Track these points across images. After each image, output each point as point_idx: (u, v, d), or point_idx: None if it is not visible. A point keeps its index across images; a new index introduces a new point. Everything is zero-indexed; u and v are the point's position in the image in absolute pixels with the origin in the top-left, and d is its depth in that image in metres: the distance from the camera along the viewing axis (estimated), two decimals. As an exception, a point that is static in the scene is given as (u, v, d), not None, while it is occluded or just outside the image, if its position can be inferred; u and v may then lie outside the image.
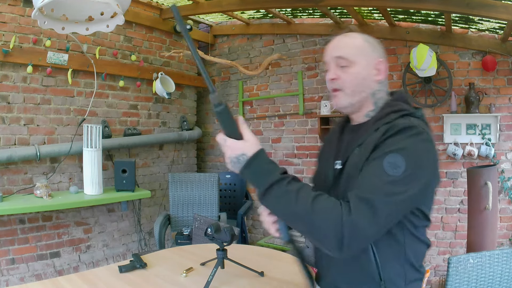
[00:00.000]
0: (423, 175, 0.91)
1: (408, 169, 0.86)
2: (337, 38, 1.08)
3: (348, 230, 0.81)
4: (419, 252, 1.03)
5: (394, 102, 1.03)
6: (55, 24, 2.11)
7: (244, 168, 0.92)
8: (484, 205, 2.57)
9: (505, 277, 1.39)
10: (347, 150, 1.04)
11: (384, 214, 0.84)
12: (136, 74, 3.69)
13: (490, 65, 2.99)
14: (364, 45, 1.05)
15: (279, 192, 0.89)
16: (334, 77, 1.05)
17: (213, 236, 1.49)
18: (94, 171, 2.98)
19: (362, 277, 0.99)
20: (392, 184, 0.86)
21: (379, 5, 2.81)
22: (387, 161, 0.87)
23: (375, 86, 1.05)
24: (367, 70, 1.04)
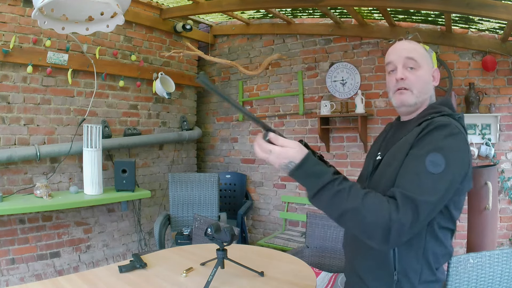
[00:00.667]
0: (459, 173, 0.98)
1: (448, 167, 0.94)
2: (403, 42, 1.19)
3: (396, 227, 0.89)
4: (439, 255, 1.06)
5: (438, 105, 1.13)
6: (55, 24, 2.11)
7: (294, 173, 0.97)
8: (484, 205, 2.57)
9: (505, 277, 1.39)
10: (388, 143, 1.16)
11: (426, 213, 0.92)
12: (136, 74, 3.69)
13: (490, 65, 2.99)
14: (425, 53, 1.16)
15: (332, 191, 0.94)
16: (403, 77, 1.12)
17: (213, 236, 1.49)
18: (94, 171, 2.98)
19: (379, 266, 1.06)
20: (433, 181, 0.93)
21: (379, 5, 2.81)
22: (429, 160, 0.94)
23: (431, 91, 1.17)
24: (428, 76, 1.15)
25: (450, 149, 0.96)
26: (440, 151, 0.94)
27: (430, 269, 1.04)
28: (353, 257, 1.17)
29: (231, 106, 4.03)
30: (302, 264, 1.70)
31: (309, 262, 2.39)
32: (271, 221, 4.17)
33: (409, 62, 1.12)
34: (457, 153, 0.97)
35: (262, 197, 4.23)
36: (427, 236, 1.02)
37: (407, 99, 1.13)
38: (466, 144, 1.00)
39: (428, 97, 1.15)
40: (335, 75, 3.73)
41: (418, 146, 0.99)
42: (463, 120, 1.08)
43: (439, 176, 0.93)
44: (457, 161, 0.96)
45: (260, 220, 4.27)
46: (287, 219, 3.98)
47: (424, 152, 0.96)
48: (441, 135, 0.97)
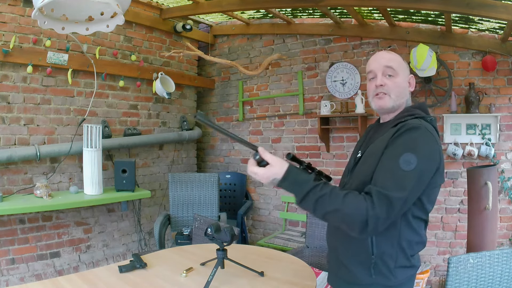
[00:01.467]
0: (428, 171, 1.12)
1: (418, 165, 1.07)
2: (382, 52, 1.34)
3: (372, 221, 1.05)
4: (413, 242, 1.20)
5: (412, 109, 1.27)
6: (55, 24, 2.11)
7: (280, 185, 1.15)
8: (484, 205, 2.57)
9: (505, 277, 1.39)
10: (368, 142, 1.30)
11: (399, 206, 1.07)
12: (136, 74, 3.69)
13: (490, 65, 2.99)
14: (402, 62, 1.31)
15: (314, 197, 1.10)
16: (382, 83, 1.26)
17: (213, 236, 1.49)
18: (94, 171, 2.98)
19: (359, 251, 1.20)
20: (406, 178, 1.07)
21: (379, 5, 2.81)
22: (402, 159, 1.08)
23: (407, 96, 1.31)
24: (405, 82, 1.29)
25: (421, 149, 1.10)
26: (412, 151, 1.08)
27: (405, 255, 1.17)
28: (336, 246, 1.30)
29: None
30: (302, 264, 1.71)
31: (309, 262, 2.39)
32: (271, 221, 4.18)
33: (387, 70, 1.26)
34: (427, 152, 1.11)
35: (262, 197, 4.23)
36: (401, 225, 1.15)
37: (385, 103, 1.27)
38: (435, 144, 1.14)
39: (404, 101, 1.29)
40: (335, 75, 3.73)
41: (393, 145, 1.13)
42: (434, 122, 1.23)
43: (411, 173, 1.07)
44: (427, 159, 1.11)
45: (260, 220, 4.27)
46: (287, 219, 3.99)
47: (398, 152, 1.10)
48: (413, 136, 1.11)
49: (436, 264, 3.27)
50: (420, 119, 1.20)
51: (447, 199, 3.24)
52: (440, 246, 3.27)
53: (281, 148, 4.08)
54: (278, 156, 1.17)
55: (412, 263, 1.20)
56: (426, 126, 1.15)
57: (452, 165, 3.22)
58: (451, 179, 3.23)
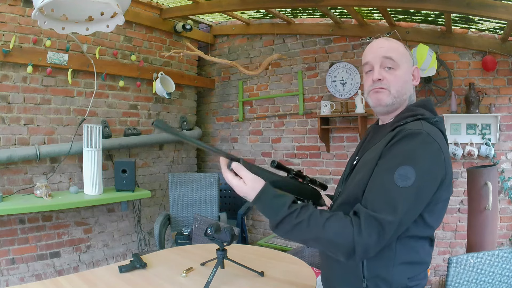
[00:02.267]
0: (431, 185, 0.95)
1: (418, 180, 0.91)
2: (380, 40, 1.13)
3: (359, 248, 0.90)
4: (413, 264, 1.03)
5: (415, 108, 1.09)
6: (55, 24, 2.11)
7: (253, 205, 1.00)
8: (484, 205, 2.57)
9: (505, 277, 1.39)
10: (366, 147, 1.14)
11: (392, 231, 0.92)
12: (136, 74, 3.69)
13: (490, 65, 2.99)
14: (405, 51, 1.11)
15: (290, 224, 0.95)
16: (380, 77, 1.08)
17: (213, 236, 1.48)
18: (94, 171, 2.98)
19: (348, 274, 1.07)
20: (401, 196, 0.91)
21: (379, 5, 2.81)
22: (398, 173, 0.92)
23: (411, 90, 1.12)
24: (408, 75, 1.10)
25: (420, 160, 0.93)
26: (409, 163, 0.92)
27: (402, 278, 1.01)
28: (325, 265, 1.19)
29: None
30: (302, 264, 1.70)
31: (309, 262, 2.39)
32: (271, 221, 4.17)
33: (386, 62, 1.08)
34: (428, 164, 0.94)
35: (262, 197, 4.22)
36: (397, 246, 1.00)
37: (383, 98, 1.08)
38: (439, 153, 0.96)
39: (407, 98, 1.11)
40: (335, 75, 3.73)
41: (387, 156, 0.97)
42: (441, 124, 1.04)
43: (408, 190, 0.91)
44: (428, 173, 0.93)
45: (260, 220, 4.27)
46: (287, 219, 3.98)
47: (393, 164, 0.94)
48: (411, 145, 0.94)
49: (436, 264, 3.27)
50: (422, 121, 1.01)
51: (447, 199, 3.24)
52: (440, 246, 3.27)
53: (281, 148, 4.08)
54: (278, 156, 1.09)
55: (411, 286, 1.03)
56: (428, 131, 0.96)
57: (452, 165, 3.21)
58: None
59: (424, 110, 1.07)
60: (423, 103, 1.11)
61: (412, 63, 1.13)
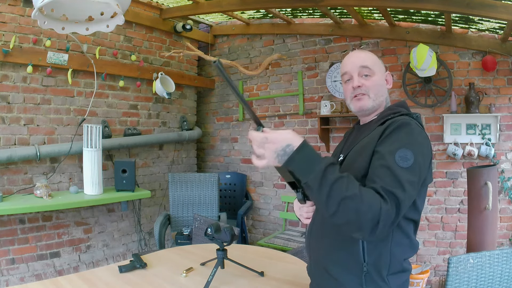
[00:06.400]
0: (425, 166, 1.07)
1: (416, 161, 1.01)
2: (356, 52, 1.29)
3: (384, 217, 0.92)
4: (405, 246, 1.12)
5: (395, 107, 1.23)
6: (55, 24, 2.11)
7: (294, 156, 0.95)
8: (484, 205, 2.57)
9: (505, 277, 1.39)
10: (351, 145, 1.23)
11: (405, 204, 0.98)
12: (136, 74, 3.69)
13: (490, 65, 2.99)
14: (377, 60, 1.27)
15: (333, 176, 0.94)
16: (360, 84, 1.22)
17: (213, 236, 1.49)
18: (94, 171, 2.98)
19: (348, 259, 1.10)
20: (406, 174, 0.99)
21: (379, 5, 2.81)
22: (398, 155, 1.01)
23: (386, 93, 1.28)
24: (382, 80, 1.25)
25: (415, 144, 1.04)
26: (407, 147, 1.02)
27: (398, 260, 1.09)
28: (320, 254, 1.19)
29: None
30: (302, 264, 1.70)
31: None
32: (271, 221, 4.17)
33: (363, 70, 1.22)
34: (421, 148, 1.06)
35: (262, 197, 4.23)
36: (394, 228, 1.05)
37: (365, 103, 1.22)
38: (427, 139, 1.10)
39: (384, 99, 1.25)
40: (335, 75, 3.73)
41: (385, 143, 1.05)
42: (420, 119, 1.18)
43: (409, 169, 0.99)
44: (422, 155, 1.05)
45: (260, 220, 4.27)
46: (287, 219, 3.98)
47: (393, 149, 1.02)
48: (406, 132, 1.06)
49: (436, 264, 3.27)
50: (405, 116, 1.15)
51: (447, 199, 3.24)
52: (440, 246, 3.27)
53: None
54: None
55: (405, 267, 1.12)
56: (415, 122, 1.12)
57: (452, 165, 3.22)
58: (451, 179, 3.23)
59: (403, 109, 1.21)
60: (401, 104, 1.25)
61: (384, 70, 1.29)
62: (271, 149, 0.95)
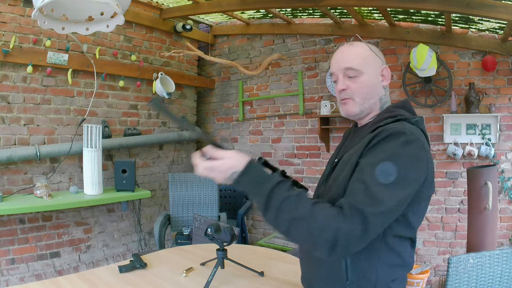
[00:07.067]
0: (413, 183, 0.94)
1: (400, 176, 0.90)
2: (343, 49, 1.13)
3: (343, 238, 0.86)
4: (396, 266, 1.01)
5: (394, 109, 1.09)
6: (55, 24, 2.11)
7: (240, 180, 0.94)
8: (484, 205, 2.57)
9: (505, 277, 1.39)
10: (345, 148, 1.14)
11: (376, 224, 0.89)
12: (136, 74, 3.69)
13: (490, 65, 2.99)
14: (369, 54, 1.11)
15: (280, 197, 0.91)
16: (344, 87, 1.10)
17: (213, 236, 1.48)
18: (94, 171, 2.98)
19: (331, 276, 1.03)
20: (384, 191, 0.89)
21: (379, 5, 2.81)
22: (380, 169, 0.90)
23: (381, 92, 1.13)
24: (374, 78, 1.10)
25: (404, 157, 0.92)
26: (392, 160, 0.91)
27: (384, 281, 1.00)
28: (306, 268, 1.15)
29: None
30: (302, 264, 1.70)
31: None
32: (271, 221, 4.17)
33: (348, 72, 1.09)
34: (412, 161, 0.93)
35: (262, 197, 4.22)
36: (381, 245, 0.98)
37: (350, 109, 1.12)
38: (422, 150, 0.96)
39: (376, 101, 1.12)
40: (335, 75, 3.72)
41: (369, 154, 0.96)
42: (421, 124, 1.03)
43: (390, 186, 0.89)
44: (412, 169, 0.93)
45: (260, 220, 4.27)
46: (287, 219, 3.98)
47: (375, 161, 0.92)
48: (395, 143, 0.93)
49: (436, 264, 3.27)
50: (403, 121, 1.02)
51: (447, 199, 3.24)
52: (440, 246, 3.27)
53: (281, 148, 4.08)
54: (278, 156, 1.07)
55: None
56: (411, 130, 0.96)
57: (452, 165, 3.22)
58: (451, 179, 3.23)
59: (403, 111, 1.08)
60: (402, 104, 1.11)
61: (381, 63, 1.13)
62: (218, 176, 0.95)
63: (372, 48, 1.13)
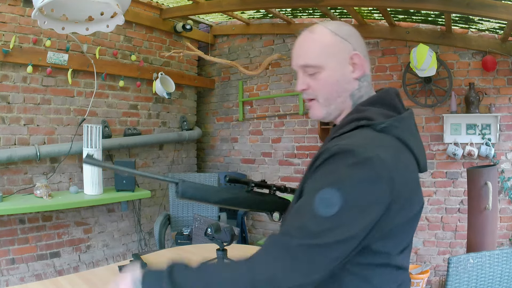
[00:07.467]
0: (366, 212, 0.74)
1: (348, 205, 0.72)
2: (300, 39, 0.91)
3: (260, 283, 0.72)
4: None
5: (363, 107, 0.86)
6: (55, 24, 2.11)
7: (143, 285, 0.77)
8: (484, 205, 2.57)
9: (505, 277, 1.39)
10: None
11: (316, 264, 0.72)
12: (136, 74, 3.69)
13: (490, 65, 2.99)
14: (332, 42, 0.87)
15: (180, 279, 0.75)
16: (304, 87, 0.91)
17: (213, 236, 1.48)
18: (94, 171, 2.98)
19: None
20: (324, 224, 0.72)
21: (379, 5, 2.81)
22: (320, 198, 0.73)
23: (353, 86, 0.89)
24: (340, 71, 0.88)
25: (349, 184, 0.73)
26: (335, 186, 0.73)
27: None
28: None
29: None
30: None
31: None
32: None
33: (306, 70, 0.89)
34: (363, 186, 0.73)
35: (262, 197, 4.22)
36: (345, 277, 0.81)
37: (315, 112, 0.93)
38: (377, 173, 0.73)
39: (346, 98, 0.89)
40: (335, 75, 3.72)
41: (311, 179, 0.80)
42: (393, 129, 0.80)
43: (334, 218, 0.71)
44: (362, 196, 0.73)
45: (260, 220, 4.26)
46: (287, 219, 3.98)
47: (316, 187, 0.75)
48: (341, 165, 0.75)
49: (436, 264, 3.27)
50: (365, 128, 0.81)
51: (447, 199, 3.24)
52: (440, 246, 3.27)
53: (281, 148, 4.08)
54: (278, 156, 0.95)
55: None
56: (363, 147, 0.75)
57: (452, 165, 3.22)
58: (451, 179, 3.23)
59: (375, 109, 0.84)
60: (378, 99, 0.87)
61: (350, 49, 0.88)
62: None
63: (338, 30, 0.88)
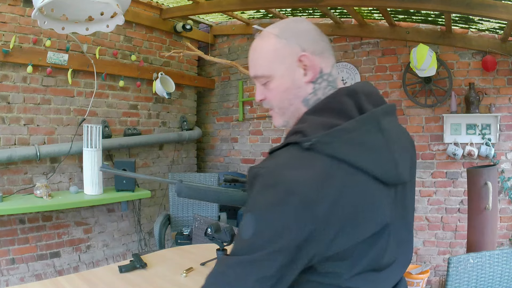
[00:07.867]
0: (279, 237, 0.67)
1: (256, 233, 0.68)
2: (252, 48, 0.87)
3: None
4: None
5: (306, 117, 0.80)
6: (55, 24, 2.12)
7: None
8: (484, 205, 2.57)
9: (505, 277, 1.39)
10: None
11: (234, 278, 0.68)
12: (136, 74, 3.69)
13: (490, 65, 2.99)
14: (277, 47, 0.82)
15: None
16: (261, 97, 0.88)
17: (213, 236, 1.48)
18: (94, 171, 2.98)
19: None
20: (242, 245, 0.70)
21: (379, 5, 2.81)
22: (242, 223, 0.71)
23: (306, 90, 0.82)
24: (289, 77, 0.82)
25: (258, 208, 0.70)
26: (250, 210, 0.71)
27: None
28: None
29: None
30: (302, 264, 1.70)
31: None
32: (271, 221, 4.17)
33: (258, 80, 0.87)
34: (271, 211, 0.68)
35: (262, 197, 4.22)
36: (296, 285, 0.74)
37: (275, 121, 0.90)
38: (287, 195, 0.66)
39: (298, 106, 0.83)
40: (335, 75, 3.72)
41: None
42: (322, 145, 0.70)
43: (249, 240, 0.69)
44: (272, 221, 0.67)
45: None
46: (287, 219, 3.98)
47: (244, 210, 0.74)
48: (256, 188, 0.71)
49: (436, 264, 3.27)
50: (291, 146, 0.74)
51: (447, 199, 3.24)
52: (440, 246, 3.27)
53: (281, 148, 4.08)
54: None
55: None
56: (273, 170, 0.70)
57: (452, 165, 3.22)
58: (451, 179, 3.23)
59: (315, 120, 0.76)
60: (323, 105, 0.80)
61: (297, 51, 0.80)
62: None
63: (283, 32, 0.82)
